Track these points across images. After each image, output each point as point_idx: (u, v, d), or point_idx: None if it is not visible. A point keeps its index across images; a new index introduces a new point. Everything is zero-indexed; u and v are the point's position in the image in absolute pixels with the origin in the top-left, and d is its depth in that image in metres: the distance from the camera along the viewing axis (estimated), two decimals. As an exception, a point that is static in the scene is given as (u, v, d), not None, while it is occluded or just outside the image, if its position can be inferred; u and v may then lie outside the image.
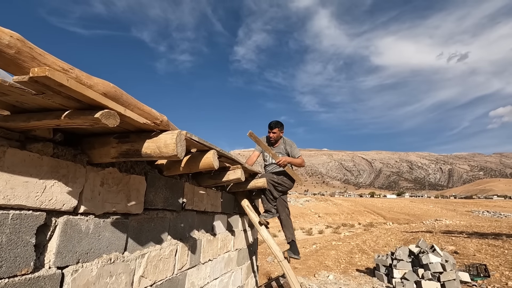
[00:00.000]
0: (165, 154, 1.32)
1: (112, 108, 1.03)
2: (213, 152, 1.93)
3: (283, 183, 3.63)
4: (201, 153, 1.94)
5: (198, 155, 1.94)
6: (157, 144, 1.32)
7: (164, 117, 1.52)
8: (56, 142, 1.25)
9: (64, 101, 0.96)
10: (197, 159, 1.93)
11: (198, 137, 1.74)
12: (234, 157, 2.47)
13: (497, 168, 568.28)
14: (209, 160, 1.89)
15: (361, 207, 63.43)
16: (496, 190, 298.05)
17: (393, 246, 15.73)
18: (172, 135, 1.33)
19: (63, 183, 1.22)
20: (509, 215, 52.29)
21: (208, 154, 1.91)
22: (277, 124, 3.78)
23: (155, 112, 1.42)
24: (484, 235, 17.50)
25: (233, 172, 2.54)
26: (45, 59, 0.89)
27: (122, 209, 1.58)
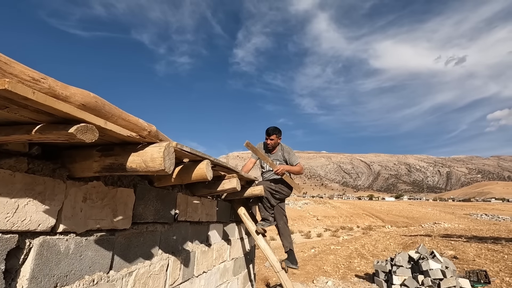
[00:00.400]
0: (151, 168, 1.22)
1: (90, 121, 0.93)
2: (206, 162, 1.83)
3: (281, 190, 3.54)
4: (194, 163, 1.84)
5: (190, 166, 1.84)
6: (143, 158, 1.22)
7: (153, 127, 1.42)
8: (33, 156, 1.15)
9: (33, 115, 0.87)
10: (189, 169, 1.83)
11: (190, 148, 1.64)
12: (229, 166, 2.37)
13: (495, 171, 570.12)
14: (202, 171, 1.79)
15: (359, 210, 63.31)
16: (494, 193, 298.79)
17: (392, 251, 15.62)
18: (160, 148, 1.23)
19: (39, 201, 1.12)
20: (507, 218, 52.30)
21: (201, 164, 1.81)
22: (274, 130, 3.68)
23: (142, 123, 1.32)
24: (483, 239, 17.42)
25: (228, 181, 2.44)
26: (11, 68, 0.80)
27: (107, 225, 1.48)
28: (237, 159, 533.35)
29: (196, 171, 1.80)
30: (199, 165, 1.81)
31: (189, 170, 1.83)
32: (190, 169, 1.83)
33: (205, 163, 1.82)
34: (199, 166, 1.81)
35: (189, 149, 1.63)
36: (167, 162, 1.24)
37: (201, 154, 1.78)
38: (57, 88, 0.91)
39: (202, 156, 1.80)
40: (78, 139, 0.90)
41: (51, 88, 0.89)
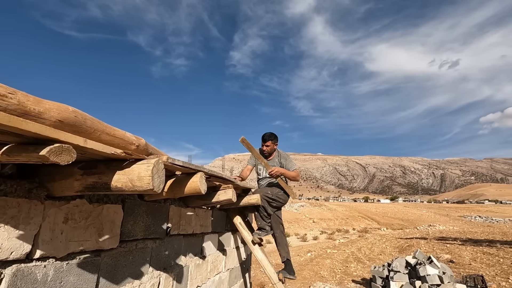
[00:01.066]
0: (139, 188, 1.11)
1: (66, 140, 0.83)
2: (200, 175, 1.73)
3: (278, 198, 3.43)
4: (187, 176, 1.73)
5: (183, 179, 1.73)
6: (129, 176, 1.11)
7: (141, 141, 1.31)
8: (5, 175, 1.03)
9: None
10: (182, 182, 1.72)
11: (182, 161, 1.54)
12: (225, 176, 2.27)
13: (488, 173, 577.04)
14: (196, 184, 1.69)
15: (355, 212, 63.41)
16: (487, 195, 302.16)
17: (388, 254, 15.58)
18: (148, 166, 1.12)
19: (11, 227, 1.01)
20: (501, 220, 52.77)
21: (194, 177, 1.71)
22: (270, 136, 3.59)
23: (129, 137, 1.22)
24: (478, 242, 17.48)
25: (223, 192, 2.33)
26: (-30, 83, 0.69)
27: (92, 246, 1.37)
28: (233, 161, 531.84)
29: (189, 184, 1.70)
30: (192, 178, 1.71)
31: (181, 183, 1.72)
32: (182, 182, 1.72)
33: (199, 176, 1.71)
34: (192, 179, 1.70)
35: (182, 163, 1.53)
36: (156, 180, 1.13)
37: (194, 167, 1.68)
38: (28, 103, 0.80)
39: (195, 168, 1.70)
40: (52, 161, 0.79)
41: (20, 104, 0.78)
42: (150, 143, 1.40)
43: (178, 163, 1.49)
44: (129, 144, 1.21)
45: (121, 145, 1.17)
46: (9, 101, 0.75)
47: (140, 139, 1.31)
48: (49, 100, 0.89)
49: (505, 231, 25.97)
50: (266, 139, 3.57)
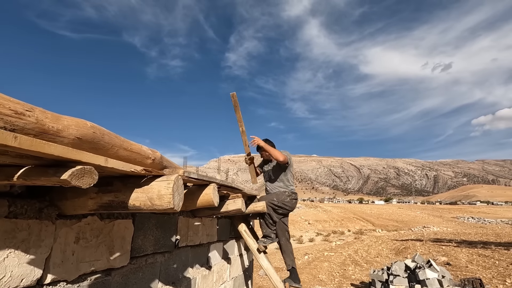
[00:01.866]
0: (158, 207, 1.04)
1: (88, 161, 0.75)
2: (213, 186, 1.66)
3: (284, 205, 3.37)
4: (199, 188, 1.66)
5: (195, 190, 1.66)
6: (148, 194, 1.04)
7: (157, 154, 1.24)
8: (15, 195, 0.95)
9: (16, 159, 0.68)
10: (194, 195, 1.65)
11: (197, 174, 1.47)
12: (234, 185, 2.20)
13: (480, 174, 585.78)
14: (209, 196, 1.62)
15: (350, 213, 63.67)
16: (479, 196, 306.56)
17: (385, 256, 15.62)
18: (168, 183, 1.05)
19: (22, 251, 0.93)
20: (493, 221, 53.49)
21: (207, 189, 1.64)
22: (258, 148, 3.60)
23: (145, 150, 1.15)
24: (473, 244, 17.63)
25: (232, 202, 2.26)
26: (-12, 102, 0.61)
27: (103, 265, 1.29)
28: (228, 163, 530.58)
29: (202, 197, 1.63)
30: (205, 190, 1.64)
31: (194, 195, 1.65)
32: (194, 195, 1.65)
33: (211, 188, 1.64)
34: (205, 192, 1.63)
35: (197, 176, 1.46)
36: (176, 198, 1.07)
37: (207, 179, 1.61)
38: (46, 121, 0.73)
39: (208, 180, 1.63)
40: (73, 185, 0.72)
41: (38, 122, 0.71)
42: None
43: (193, 176, 1.42)
44: (145, 158, 1.14)
45: (137, 159, 1.10)
46: (27, 119, 0.68)
47: (156, 152, 1.24)
48: (67, 116, 0.82)
49: (498, 233, 26.29)
50: (260, 149, 3.60)
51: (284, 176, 3.48)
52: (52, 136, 0.74)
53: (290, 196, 3.47)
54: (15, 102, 0.67)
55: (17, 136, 0.57)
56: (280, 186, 3.46)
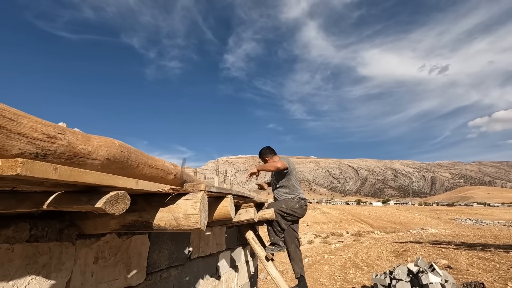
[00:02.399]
0: (184, 227, 0.99)
1: (120, 186, 0.71)
2: (230, 199, 1.61)
3: (293, 212, 3.32)
4: (215, 200, 1.61)
5: (211, 203, 1.61)
6: (174, 214, 1.00)
7: (178, 168, 1.19)
8: (35, 216, 0.90)
9: (51, 188, 0.63)
10: (211, 208, 1.60)
11: (216, 187, 1.42)
12: (246, 194, 2.15)
13: (477, 176, 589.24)
14: (226, 209, 1.57)
15: (348, 215, 63.72)
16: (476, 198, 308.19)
17: (385, 259, 15.59)
18: (195, 202, 1.01)
19: (43, 277, 0.87)
20: (490, 222, 53.74)
21: (224, 202, 1.59)
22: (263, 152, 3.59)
23: (168, 166, 1.10)
24: (472, 246, 17.65)
25: (245, 211, 2.22)
26: (19, 126, 0.56)
27: (121, 285, 1.23)
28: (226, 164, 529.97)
29: (219, 209, 1.58)
30: (222, 203, 1.59)
31: (210, 208, 1.60)
32: (211, 208, 1.60)
33: (228, 200, 1.60)
34: (222, 204, 1.59)
35: (215, 189, 1.41)
36: (203, 218, 1.02)
37: (224, 191, 1.56)
38: (77, 143, 0.68)
39: (225, 192, 1.58)
40: (107, 213, 0.67)
41: (70, 145, 0.66)
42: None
43: (213, 189, 1.38)
44: (168, 174, 1.10)
45: (160, 176, 1.05)
46: (59, 143, 0.63)
47: (177, 166, 1.20)
48: (96, 136, 0.77)
49: (496, 234, 26.38)
50: (259, 156, 3.60)
51: (288, 182, 3.43)
52: (82, 159, 0.69)
53: (299, 202, 3.42)
54: (47, 124, 0.62)
55: (57, 167, 0.53)
56: (286, 193, 3.41)
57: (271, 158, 3.59)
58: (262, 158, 3.60)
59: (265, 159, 3.58)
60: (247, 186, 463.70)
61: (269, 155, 3.60)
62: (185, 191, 1.05)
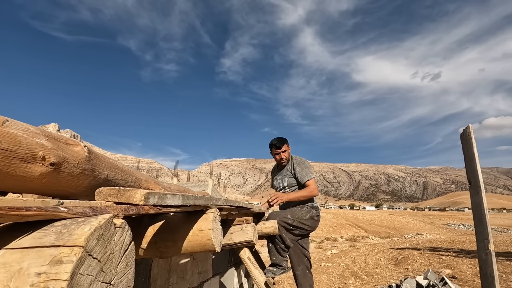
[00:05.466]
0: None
1: None
2: (213, 216, 0.88)
3: (301, 225, 2.59)
4: (188, 218, 0.88)
5: (179, 222, 0.88)
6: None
7: (74, 143, 0.47)
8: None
9: None
10: (176, 230, 0.87)
11: (182, 194, 0.69)
12: (241, 204, 1.42)
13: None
14: (205, 236, 0.85)
15: (342, 219, 63.31)
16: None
17: (384, 267, 14.93)
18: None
19: None
20: (483, 228, 53.65)
21: (202, 222, 0.86)
22: (282, 141, 2.81)
23: (23, 136, 0.36)
24: (471, 253, 17.14)
25: (239, 230, 1.49)
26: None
27: None
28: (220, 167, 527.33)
29: (192, 236, 0.85)
30: (199, 224, 0.86)
31: (175, 231, 0.87)
32: (178, 230, 0.87)
33: (211, 218, 0.87)
34: (198, 227, 0.86)
35: (180, 199, 0.68)
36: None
37: (203, 201, 0.83)
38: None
39: (205, 203, 0.85)
40: None
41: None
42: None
43: (174, 200, 0.64)
44: (27, 158, 0.34)
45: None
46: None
47: (63, 141, 0.46)
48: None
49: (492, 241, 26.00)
50: (280, 146, 2.77)
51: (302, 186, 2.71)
52: None
53: (309, 212, 2.70)
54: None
55: None
56: (297, 201, 2.69)
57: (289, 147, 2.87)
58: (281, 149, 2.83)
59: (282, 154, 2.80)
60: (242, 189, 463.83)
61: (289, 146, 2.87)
62: (56, 215, 0.31)
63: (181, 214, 0.90)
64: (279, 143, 2.78)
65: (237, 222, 1.51)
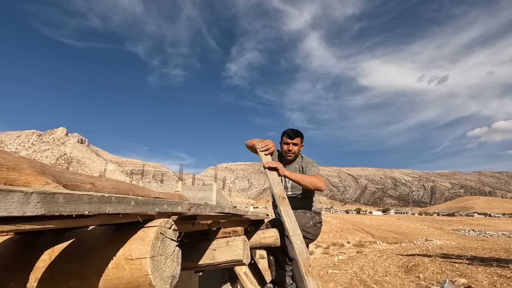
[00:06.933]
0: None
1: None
2: (157, 230, 0.49)
3: (305, 233, 2.21)
4: (115, 235, 0.49)
5: (97, 242, 0.49)
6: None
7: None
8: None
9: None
10: (93, 258, 0.48)
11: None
12: (226, 210, 1.03)
13: (477, 186, 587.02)
14: (137, 270, 0.44)
15: (349, 224, 62.34)
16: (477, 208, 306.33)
17: (394, 275, 14.31)
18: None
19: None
20: (494, 234, 52.57)
21: (133, 245, 0.48)
22: (298, 133, 2.45)
23: None
24: (485, 261, 16.41)
25: (225, 245, 1.11)
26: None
27: None
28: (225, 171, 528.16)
29: (115, 269, 0.45)
30: (129, 248, 0.46)
31: (88, 261, 0.48)
32: (92, 259, 0.48)
33: (150, 237, 0.48)
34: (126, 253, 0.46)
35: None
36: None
37: (127, 208, 0.44)
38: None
39: (133, 210, 0.46)
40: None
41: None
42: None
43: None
44: None
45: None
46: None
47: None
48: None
49: (506, 248, 25.11)
50: (293, 136, 2.41)
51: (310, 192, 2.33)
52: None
53: (313, 218, 2.32)
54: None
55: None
56: (299, 205, 2.30)
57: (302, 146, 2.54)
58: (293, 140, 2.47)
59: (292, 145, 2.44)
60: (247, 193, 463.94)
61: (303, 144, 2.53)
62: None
63: (105, 230, 0.53)
64: (293, 134, 2.44)
65: (222, 234, 1.13)
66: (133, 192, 0.67)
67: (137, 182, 28.09)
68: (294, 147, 2.40)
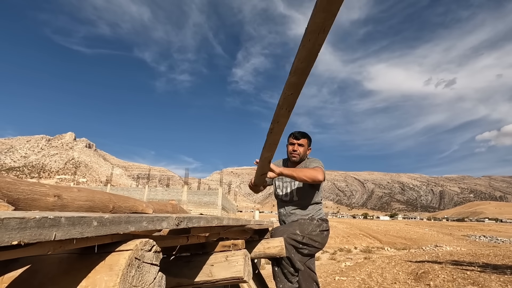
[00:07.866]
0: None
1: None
2: (131, 255, 0.41)
3: (312, 242, 2.09)
4: (81, 261, 0.39)
5: (54, 273, 0.38)
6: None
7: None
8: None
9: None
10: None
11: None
12: (225, 221, 0.93)
13: (487, 190, 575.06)
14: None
15: (356, 229, 61.47)
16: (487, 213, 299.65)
17: (403, 282, 13.95)
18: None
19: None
20: (506, 240, 51.25)
21: (98, 274, 0.36)
22: (305, 135, 2.34)
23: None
24: (499, 268, 15.88)
25: (223, 258, 0.99)
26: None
27: None
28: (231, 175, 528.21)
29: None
30: (92, 280, 0.35)
31: None
32: None
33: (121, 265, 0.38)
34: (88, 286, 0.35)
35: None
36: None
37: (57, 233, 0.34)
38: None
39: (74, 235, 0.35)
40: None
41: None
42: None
43: None
44: None
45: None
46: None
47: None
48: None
49: (520, 255, 24.38)
50: (299, 137, 2.30)
51: (313, 193, 2.21)
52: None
53: (320, 226, 2.20)
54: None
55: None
56: (306, 211, 2.19)
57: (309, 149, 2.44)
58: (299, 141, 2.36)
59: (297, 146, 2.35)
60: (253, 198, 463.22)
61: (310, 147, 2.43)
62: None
63: (66, 254, 0.42)
64: (299, 134, 2.34)
65: (221, 248, 1.02)
66: (114, 203, 0.57)
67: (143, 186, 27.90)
68: (300, 148, 2.29)
